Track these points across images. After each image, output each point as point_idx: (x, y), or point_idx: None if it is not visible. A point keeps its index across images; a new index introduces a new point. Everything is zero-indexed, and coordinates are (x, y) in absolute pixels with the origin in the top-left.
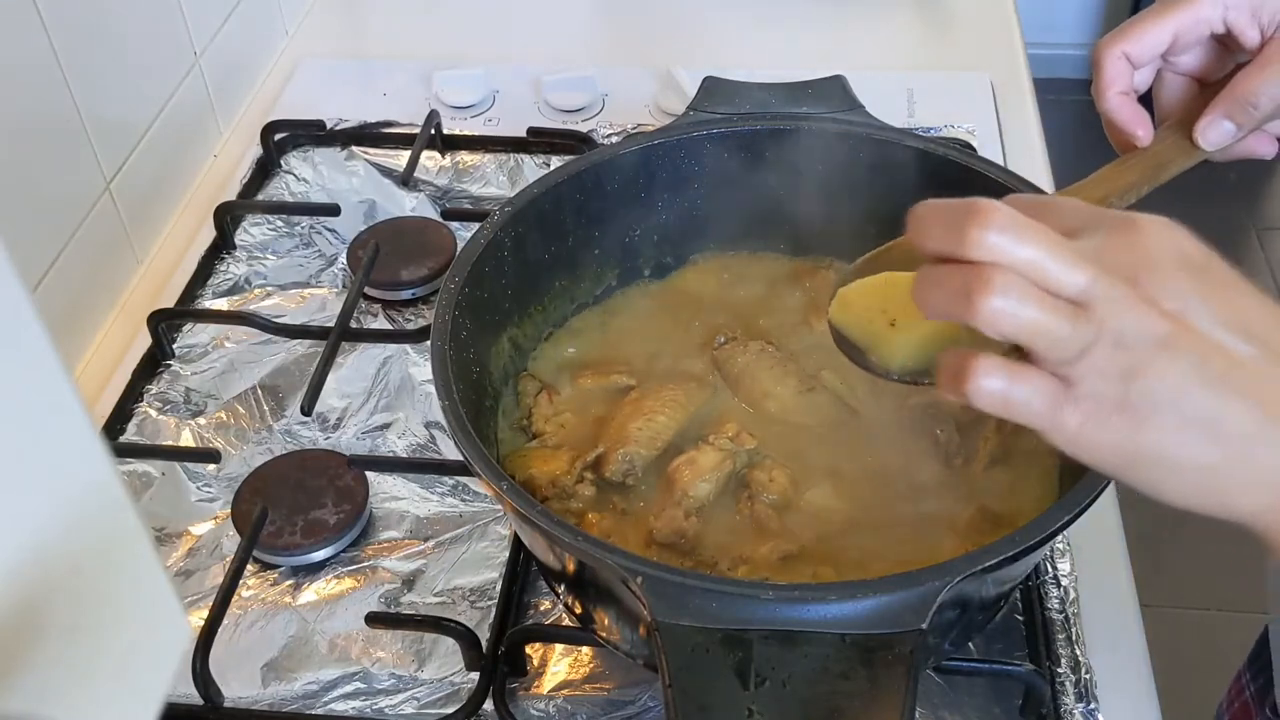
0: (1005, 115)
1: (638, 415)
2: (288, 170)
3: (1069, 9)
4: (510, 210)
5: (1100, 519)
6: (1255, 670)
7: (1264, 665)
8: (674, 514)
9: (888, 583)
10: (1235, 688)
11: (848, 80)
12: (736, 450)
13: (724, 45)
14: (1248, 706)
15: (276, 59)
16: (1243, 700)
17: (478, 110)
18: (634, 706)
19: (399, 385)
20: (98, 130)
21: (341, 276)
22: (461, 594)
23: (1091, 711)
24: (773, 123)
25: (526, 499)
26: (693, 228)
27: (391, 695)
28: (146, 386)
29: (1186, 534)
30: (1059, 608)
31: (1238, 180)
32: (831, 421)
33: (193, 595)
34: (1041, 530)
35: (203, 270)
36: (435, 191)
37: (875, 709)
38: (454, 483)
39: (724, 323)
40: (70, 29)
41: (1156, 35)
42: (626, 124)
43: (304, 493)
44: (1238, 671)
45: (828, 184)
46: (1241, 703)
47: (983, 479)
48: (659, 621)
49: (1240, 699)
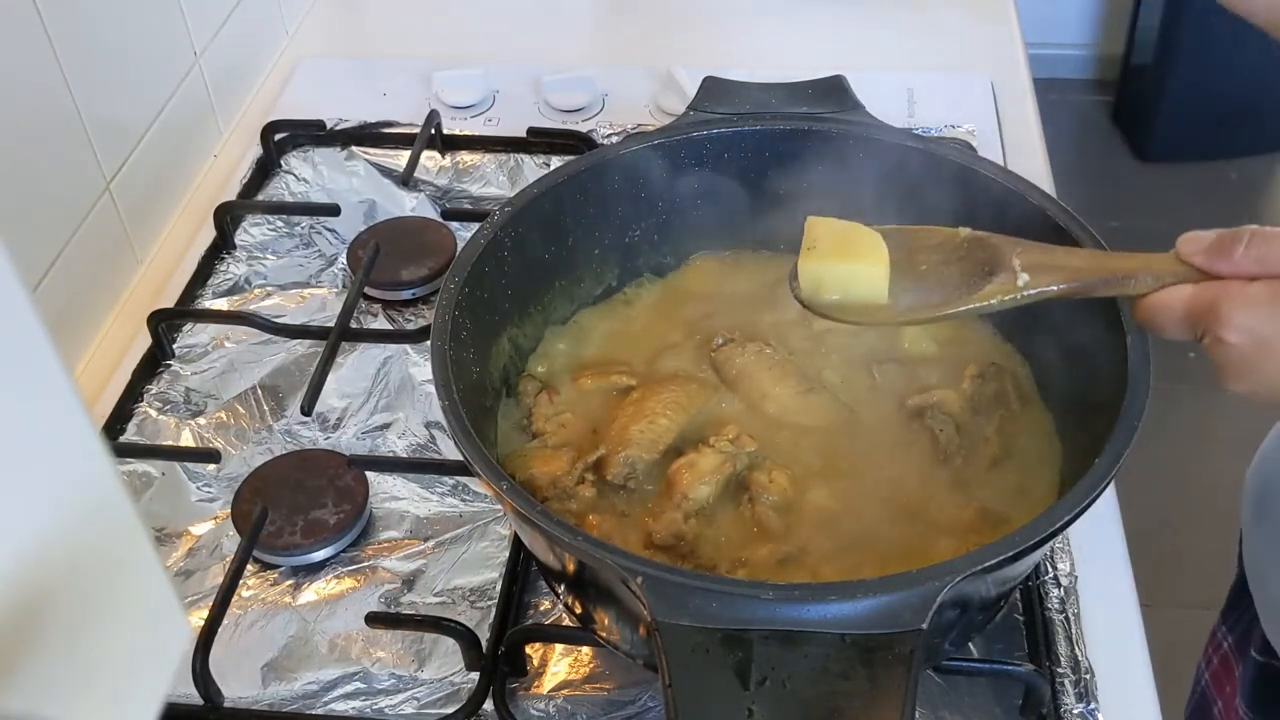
0: (1005, 115)
1: (639, 417)
2: (288, 170)
3: (1069, 9)
4: (510, 210)
5: (1100, 519)
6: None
7: (1239, 616)
8: (673, 517)
9: (888, 583)
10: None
11: (848, 80)
12: (737, 453)
13: (724, 45)
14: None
15: (276, 59)
16: (1221, 654)
17: (478, 110)
18: (634, 706)
19: (399, 385)
20: (98, 130)
21: (341, 276)
22: (461, 594)
23: (1091, 711)
24: (772, 123)
25: (526, 499)
26: (693, 227)
27: (391, 695)
28: (146, 386)
29: (1186, 534)
30: (1059, 608)
31: (1238, 180)
32: (831, 422)
33: (193, 595)
34: (1041, 530)
35: (203, 270)
36: (435, 191)
37: (875, 709)
38: (454, 483)
39: (723, 323)
40: (70, 29)
41: None
42: (626, 124)
43: (304, 493)
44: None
45: (827, 184)
46: (1220, 657)
47: (983, 479)
48: (659, 621)
49: (1219, 653)
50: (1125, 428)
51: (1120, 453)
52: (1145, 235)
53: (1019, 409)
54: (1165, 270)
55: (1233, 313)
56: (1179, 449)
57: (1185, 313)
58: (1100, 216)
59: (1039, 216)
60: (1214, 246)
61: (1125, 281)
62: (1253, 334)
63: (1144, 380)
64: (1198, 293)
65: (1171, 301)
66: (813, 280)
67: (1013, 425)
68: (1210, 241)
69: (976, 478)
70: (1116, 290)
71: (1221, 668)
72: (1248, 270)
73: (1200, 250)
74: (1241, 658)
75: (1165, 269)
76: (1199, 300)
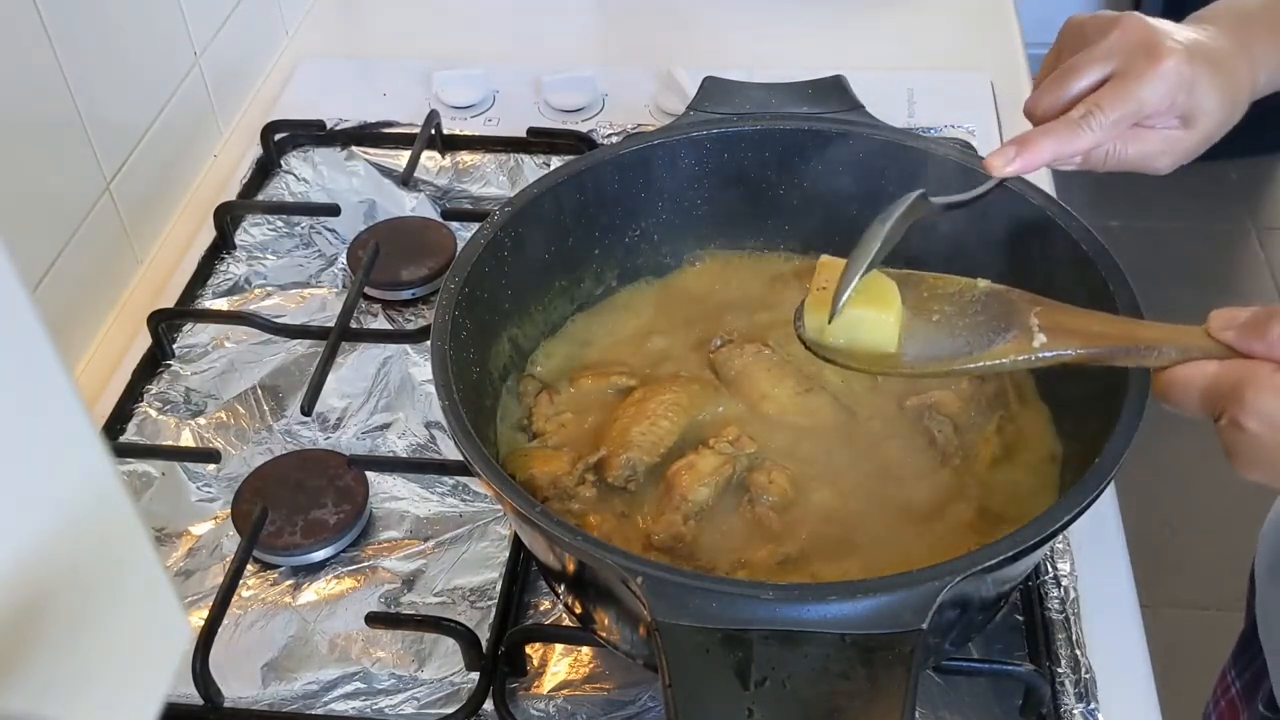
0: (1005, 115)
1: (641, 418)
2: (288, 170)
3: (1069, 9)
4: (510, 210)
5: (1100, 519)
6: (1240, 666)
7: (1249, 661)
8: (672, 518)
9: (888, 583)
10: (1221, 686)
11: (848, 80)
12: (736, 454)
13: (724, 45)
14: (1234, 704)
15: (276, 59)
16: (1229, 698)
17: (478, 110)
18: (634, 706)
19: (399, 385)
20: (98, 130)
21: (341, 276)
22: (461, 594)
23: (1091, 711)
24: (772, 123)
25: (526, 499)
26: (693, 228)
27: (391, 695)
28: (146, 386)
29: (1186, 534)
30: (1059, 608)
31: (1238, 180)
32: (830, 422)
33: (193, 595)
34: (1041, 530)
35: (203, 270)
36: (435, 191)
37: (875, 709)
38: (454, 483)
39: (723, 324)
40: (70, 29)
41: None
42: (626, 124)
43: (304, 493)
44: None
45: (827, 184)
46: (1228, 700)
47: (982, 479)
48: (659, 621)
49: (1226, 697)
50: (1125, 428)
51: (1120, 453)
52: (1145, 235)
53: (1018, 409)
54: (1191, 345)
55: (1258, 399)
56: (1179, 449)
57: (1205, 391)
58: (1100, 216)
59: (1039, 216)
60: (1248, 325)
61: (1147, 353)
62: (1274, 423)
63: (1144, 380)
64: (1222, 372)
65: (1193, 378)
66: (819, 322)
67: (1012, 425)
68: (1245, 319)
69: (976, 478)
70: (1136, 361)
71: (1229, 710)
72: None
73: (1232, 326)
74: (1248, 706)
75: (1192, 343)
76: (1223, 380)
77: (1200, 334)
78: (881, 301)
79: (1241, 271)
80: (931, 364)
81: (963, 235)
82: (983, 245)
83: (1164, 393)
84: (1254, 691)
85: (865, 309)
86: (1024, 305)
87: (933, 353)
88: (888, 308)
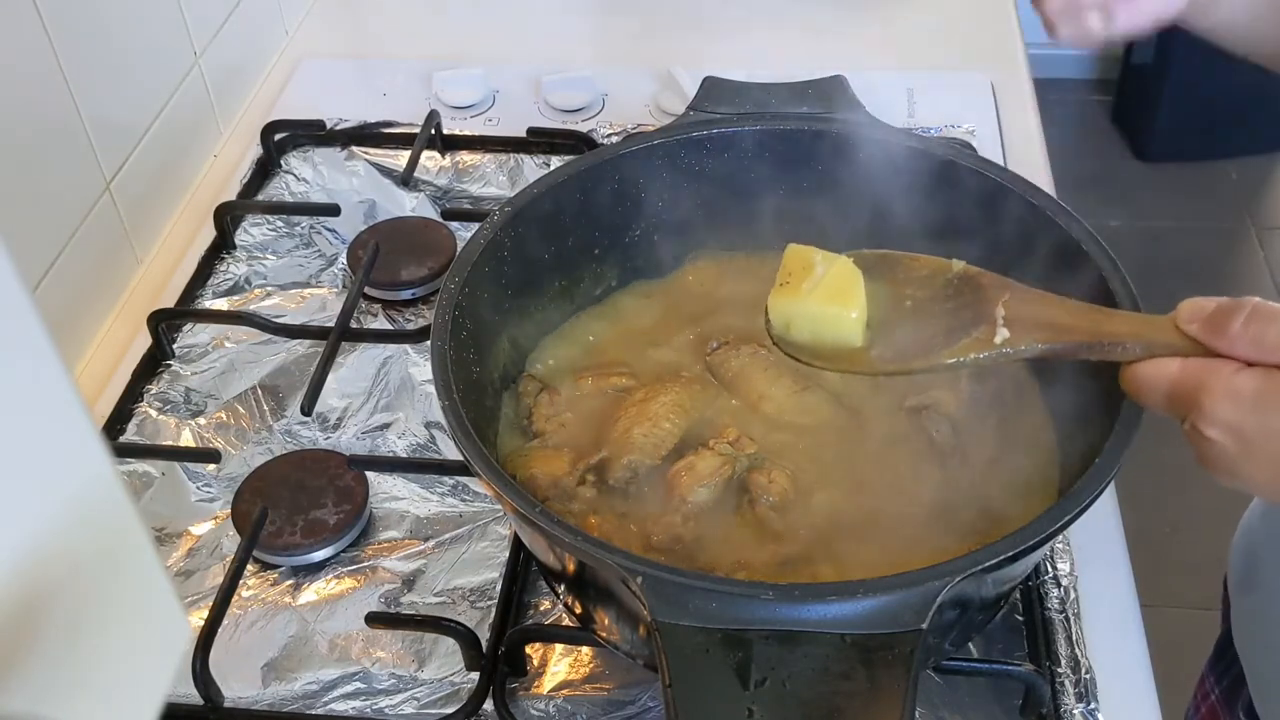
0: (1005, 115)
1: (643, 420)
2: (288, 170)
3: None
4: (510, 210)
5: (1100, 519)
6: (1219, 672)
7: (1227, 666)
8: (671, 520)
9: (888, 583)
10: (1200, 691)
11: (848, 80)
12: (736, 455)
13: (724, 45)
14: (1215, 711)
15: (276, 59)
16: (1209, 704)
17: (478, 110)
18: (634, 706)
19: (399, 385)
20: (98, 130)
21: (341, 276)
22: (461, 594)
23: (1091, 711)
24: (773, 123)
25: (527, 499)
26: (693, 228)
27: (391, 695)
28: (146, 386)
29: (1186, 534)
30: (1059, 608)
31: (1238, 180)
32: (828, 421)
33: (193, 595)
34: (1041, 530)
35: (203, 270)
36: (435, 191)
37: (875, 709)
38: (454, 483)
39: (723, 323)
40: (70, 29)
41: None
42: (626, 124)
43: (304, 493)
44: (1200, 676)
45: (827, 184)
46: (1208, 706)
47: (981, 479)
48: (659, 621)
49: (1206, 703)
50: (1125, 428)
51: (1120, 453)
52: (1145, 235)
53: (1017, 409)
54: (1158, 340)
55: (1215, 407)
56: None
57: (1169, 393)
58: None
59: (1039, 216)
60: (1211, 318)
61: (1113, 348)
62: (1235, 432)
63: None
64: (1183, 373)
65: (1156, 377)
66: (783, 317)
67: (1011, 425)
68: (1210, 311)
69: (975, 478)
70: (1102, 355)
71: (1209, 717)
72: (1242, 351)
73: (1198, 319)
74: (1228, 712)
75: (1159, 338)
76: (1184, 382)
77: (1169, 327)
78: (844, 297)
79: (1241, 271)
80: (896, 363)
81: (963, 236)
82: (983, 245)
83: (1132, 390)
84: (1233, 699)
85: (827, 305)
86: (993, 292)
87: (900, 348)
88: (850, 303)
